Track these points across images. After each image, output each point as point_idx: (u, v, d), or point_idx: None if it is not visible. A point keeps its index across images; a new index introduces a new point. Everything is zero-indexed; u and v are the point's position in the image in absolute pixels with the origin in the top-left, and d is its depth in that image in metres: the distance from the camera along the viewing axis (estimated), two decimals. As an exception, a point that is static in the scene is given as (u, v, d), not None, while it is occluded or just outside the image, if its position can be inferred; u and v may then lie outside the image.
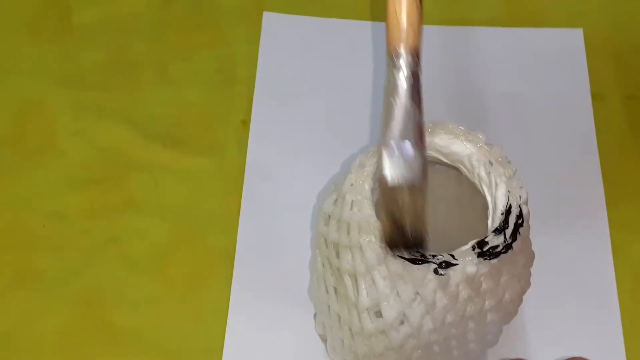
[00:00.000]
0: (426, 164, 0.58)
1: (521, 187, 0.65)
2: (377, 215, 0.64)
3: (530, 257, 0.67)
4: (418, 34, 0.59)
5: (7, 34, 0.92)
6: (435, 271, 0.61)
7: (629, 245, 0.81)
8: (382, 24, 0.94)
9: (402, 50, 0.59)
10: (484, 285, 0.63)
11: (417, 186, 0.58)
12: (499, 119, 0.88)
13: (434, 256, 0.62)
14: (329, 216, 0.66)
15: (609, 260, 0.80)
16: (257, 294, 0.78)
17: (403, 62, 0.59)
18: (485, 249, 0.62)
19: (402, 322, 0.63)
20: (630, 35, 0.94)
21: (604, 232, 0.82)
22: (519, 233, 0.63)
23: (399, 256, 0.61)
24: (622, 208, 0.83)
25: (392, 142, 0.58)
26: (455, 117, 0.72)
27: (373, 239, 0.62)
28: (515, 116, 0.88)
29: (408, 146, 0.58)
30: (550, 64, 0.91)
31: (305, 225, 0.81)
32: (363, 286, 0.63)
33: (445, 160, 0.68)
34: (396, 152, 0.58)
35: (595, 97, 0.89)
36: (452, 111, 0.86)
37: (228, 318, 0.77)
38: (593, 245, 0.81)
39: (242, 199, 0.83)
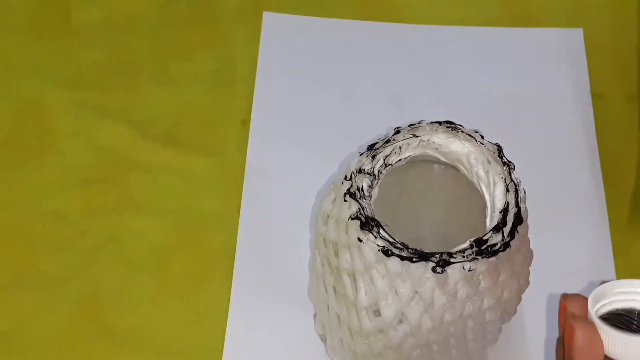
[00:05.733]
0: None
1: (519, 185, 0.65)
2: (375, 213, 0.64)
3: (529, 255, 0.67)
4: None
5: (7, 34, 0.93)
6: (434, 269, 0.61)
7: (629, 246, 0.81)
8: (382, 23, 0.94)
9: None
10: (483, 284, 0.62)
11: None
12: (498, 118, 0.88)
13: (432, 254, 0.62)
14: (328, 215, 0.66)
15: (609, 260, 0.80)
16: (257, 293, 0.78)
17: None
18: (483, 247, 0.62)
19: (400, 321, 0.63)
20: (630, 35, 0.94)
21: (605, 233, 0.82)
22: (517, 231, 0.63)
23: (396, 254, 0.61)
24: (623, 208, 0.83)
25: None
26: (454, 116, 0.72)
27: (371, 238, 0.62)
28: (515, 116, 0.88)
29: None
30: (550, 64, 0.91)
31: (306, 224, 0.81)
32: (362, 285, 0.63)
33: (444, 159, 0.68)
34: None
35: (595, 97, 0.89)
36: (452, 111, 0.86)
37: (228, 318, 0.77)
38: (594, 246, 0.81)
39: (242, 199, 0.83)
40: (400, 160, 0.67)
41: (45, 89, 0.89)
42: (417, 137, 0.67)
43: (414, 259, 0.61)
